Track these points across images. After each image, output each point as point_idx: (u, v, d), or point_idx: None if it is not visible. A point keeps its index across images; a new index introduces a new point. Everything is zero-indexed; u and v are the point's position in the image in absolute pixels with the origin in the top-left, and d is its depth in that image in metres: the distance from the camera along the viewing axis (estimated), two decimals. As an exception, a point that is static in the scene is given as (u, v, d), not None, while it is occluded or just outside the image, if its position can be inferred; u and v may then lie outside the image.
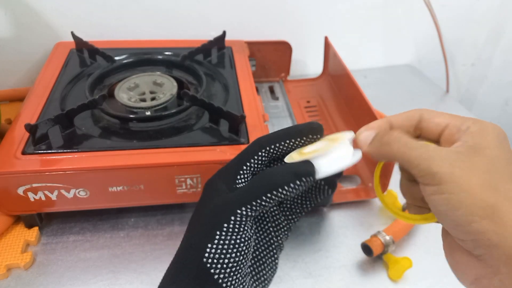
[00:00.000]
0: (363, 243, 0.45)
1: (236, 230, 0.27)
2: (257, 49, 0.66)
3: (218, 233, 0.26)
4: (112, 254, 0.44)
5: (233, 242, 0.26)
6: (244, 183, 0.29)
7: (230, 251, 0.26)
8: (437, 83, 0.82)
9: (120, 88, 0.51)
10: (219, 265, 0.26)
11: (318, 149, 0.28)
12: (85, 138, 0.44)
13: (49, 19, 0.63)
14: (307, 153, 0.28)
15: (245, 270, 0.28)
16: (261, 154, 0.29)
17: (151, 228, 0.47)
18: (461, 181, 0.23)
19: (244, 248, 0.27)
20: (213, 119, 0.47)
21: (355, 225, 0.49)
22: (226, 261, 0.26)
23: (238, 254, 0.27)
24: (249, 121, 0.47)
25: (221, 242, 0.26)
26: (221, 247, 0.26)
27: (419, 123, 0.28)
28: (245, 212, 0.27)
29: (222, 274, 0.26)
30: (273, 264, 0.31)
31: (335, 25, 0.76)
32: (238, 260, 0.27)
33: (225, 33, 0.60)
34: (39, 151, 0.41)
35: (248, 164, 0.29)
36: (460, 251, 0.25)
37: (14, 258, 0.42)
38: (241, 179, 0.29)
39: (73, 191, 0.42)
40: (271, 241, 0.31)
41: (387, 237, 0.44)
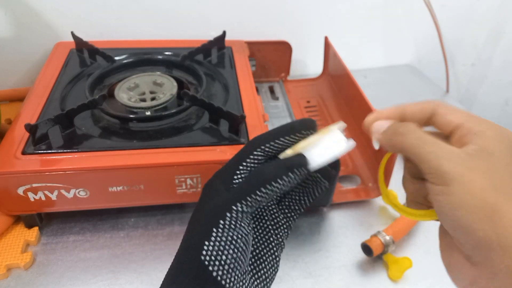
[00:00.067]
0: (363, 243, 0.45)
1: (232, 226, 0.27)
2: (257, 49, 0.66)
3: (214, 230, 0.27)
4: (112, 254, 0.44)
5: (230, 238, 0.27)
6: None
7: (227, 247, 0.26)
8: (437, 83, 0.82)
9: (120, 88, 0.51)
10: (217, 262, 0.26)
11: (310, 142, 0.29)
12: (85, 138, 0.44)
13: (49, 19, 0.63)
14: (300, 148, 0.29)
15: (244, 267, 0.28)
16: (256, 153, 0.30)
17: (151, 228, 0.47)
18: (470, 183, 0.23)
19: (241, 244, 0.27)
20: (213, 119, 0.47)
21: (355, 225, 0.49)
22: (224, 257, 0.26)
23: (235, 250, 0.27)
24: (249, 121, 0.47)
25: (217, 239, 0.26)
26: (218, 244, 0.26)
27: (432, 116, 0.27)
28: (241, 208, 0.27)
29: (220, 271, 0.26)
30: (274, 262, 0.31)
31: (335, 25, 0.76)
32: (236, 256, 0.27)
33: (225, 33, 0.60)
34: (39, 151, 0.41)
35: (244, 163, 0.30)
36: (457, 252, 0.25)
37: (14, 258, 0.42)
38: (238, 179, 0.30)
39: (73, 191, 0.42)
40: (270, 239, 0.31)
41: (387, 237, 0.44)
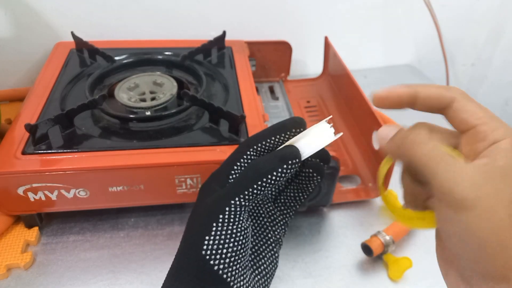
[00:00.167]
0: (363, 243, 0.45)
1: (232, 220, 0.27)
2: (257, 49, 0.66)
3: (214, 224, 0.27)
4: (112, 254, 0.44)
5: (230, 232, 0.27)
6: None
7: (227, 241, 0.27)
8: (437, 83, 0.82)
9: (120, 88, 0.51)
10: (218, 255, 0.26)
11: (300, 136, 0.30)
12: (85, 138, 0.44)
13: (49, 19, 0.63)
14: (290, 141, 0.30)
15: (244, 261, 0.28)
16: (249, 153, 0.30)
17: (151, 228, 0.47)
18: (484, 213, 0.21)
19: (241, 238, 0.27)
20: (213, 119, 0.47)
21: (355, 225, 0.49)
22: (224, 251, 0.27)
23: (236, 244, 0.27)
24: (249, 121, 0.47)
25: (218, 233, 0.27)
26: (218, 238, 0.27)
27: (447, 108, 0.25)
28: (239, 202, 0.27)
29: (222, 265, 0.26)
30: (273, 258, 0.31)
31: (335, 25, 0.76)
32: (236, 250, 0.27)
33: (225, 33, 0.60)
34: (39, 151, 0.41)
35: (238, 164, 0.30)
36: (453, 270, 0.24)
37: (14, 258, 0.42)
38: (233, 178, 0.30)
39: (73, 191, 0.42)
40: (268, 235, 0.32)
41: (387, 237, 0.44)
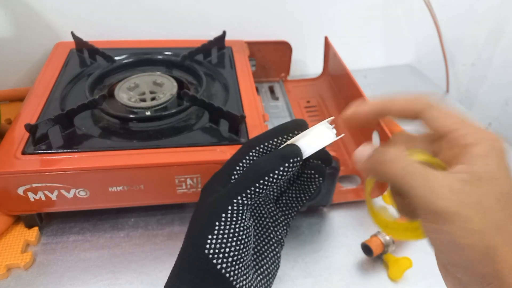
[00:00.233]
0: (363, 243, 0.45)
1: (234, 219, 0.27)
2: (257, 49, 0.66)
3: (217, 223, 0.27)
4: (112, 254, 0.44)
5: (233, 231, 0.27)
6: None
7: (230, 240, 0.27)
8: (437, 83, 0.82)
9: (120, 88, 0.51)
10: (221, 254, 0.27)
11: (301, 135, 0.30)
12: (85, 138, 0.44)
13: (49, 19, 0.63)
14: (291, 141, 0.30)
15: (247, 261, 0.28)
16: (251, 154, 0.30)
17: (151, 228, 0.47)
18: (467, 224, 0.21)
19: (244, 237, 0.27)
20: (213, 119, 0.47)
21: (355, 225, 0.49)
22: (227, 250, 0.27)
23: (238, 243, 0.27)
24: (249, 121, 0.47)
25: (220, 232, 0.27)
26: (221, 236, 0.27)
27: (420, 116, 0.25)
28: (241, 201, 0.27)
29: (224, 263, 0.27)
30: (275, 258, 0.31)
31: (335, 25, 0.76)
32: (239, 249, 0.27)
33: (225, 33, 0.60)
34: (39, 151, 0.41)
35: (240, 164, 0.30)
36: (451, 276, 0.24)
37: (14, 258, 0.42)
38: (235, 179, 0.30)
39: (73, 191, 0.42)
40: (270, 235, 0.32)
41: (387, 237, 0.44)
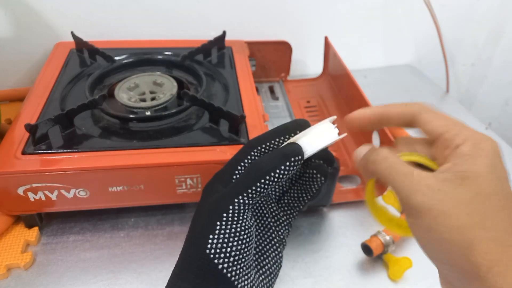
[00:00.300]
0: (363, 243, 0.45)
1: (235, 218, 0.27)
2: (257, 49, 0.66)
3: (218, 223, 0.27)
4: (112, 254, 0.44)
5: (234, 230, 0.27)
6: None
7: (231, 239, 0.27)
8: (437, 83, 0.82)
9: (120, 88, 0.51)
10: (222, 254, 0.26)
11: (302, 134, 0.30)
12: (85, 138, 0.44)
13: (49, 19, 0.63)
14: (293, 139, 0.30)
15: (249, 260, 0.28)
16: (253, 154, 0.30)
17: (151, 228, 0.47)
18: (441, 217, 0.22)
19: (245, 236, 0.27)
20: (213, 119, 0.47)
21: (355, 225, 0.49)
22: (228, 249, 0.27)
23: (240, 242, 0.27)
24: (249, 121, 0.47)
25: (222, 231, 0.27)
26: (222, 236, 0.27)
27: (414, 122, 0.27)
28: (242, 200, 0.27)
29: (226, 263, 0.26)
30: (277, 258, 0.31)
31: (335, 25, 0.76)
32: (240, 248, 0.27)
33: (225, 33, 0.60)
34: (39, 151, 0.41)
35: (242, 164, 0.30)
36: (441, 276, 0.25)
37: (14, 258, 0.42)
38: (236, 179, 0.30)
39: (73, 191, 0.42)
40: (272, 235, 0.32)
41: (387, 237, 0.44)
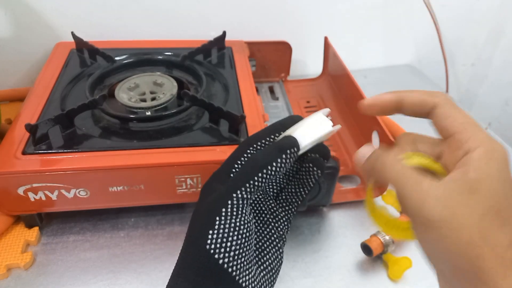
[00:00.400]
0: (363, 243, 0.45)
1: (234, 213, 0.27)
2: (257, 49, 0.66)
3: (217, 218, 0.27)
4: (112, 254, 0.44)
5: (234, 225, 0.27)
6: None
7: (231, 234, 0.27)
8: (437, 83, 0.82)
9: (120, 88, 0.51)
10: (222, 249, 0.26)
11: (296, 127, 0.30)
12: (85, 138, 0.44)
13: (49, 19, 0.63)
14: (287, 132, 0.30)
15: (249, 256, 0.28)
16: (249, 151, 0.30)
17: (151, 228, 0.47)
18: (449, 231, 0.22)
19: (245, 231, 0.27)
20: (213, 119, 0.47)
21: (355, 225, 0.49)
22: (229, 244, 0.27)
23: (240, 237, 0.27)
24: (249, 121, 0.47)
25: (221, 226, 0.27)
26: (222, 231, 0.27)
27: (431, 114, 0.26)
28: (241, 195, 0.27)
29: (226, 258, 0.26)
30: (277, 254, 0.31)
31: (335, 25, 0.76)
32: (240, 243, 0.27)
33: (225, 33, 0.60)
34: (39, 151, 0.41)
35: (239, 162, 0.30)
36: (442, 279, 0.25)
37: (14, 258, 0.42)
38: (234, 175, 0.30)
39: (73, 191, 0.42)
40: (272, 231, 0.32)
41: (387, 237, 0.44)
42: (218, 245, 0.26)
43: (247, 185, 0.27)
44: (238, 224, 0.27)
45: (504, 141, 0.64)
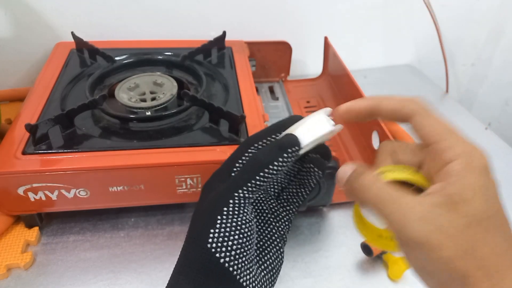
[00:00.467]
0: (363, 243, 0.45)
1: (236, 212, 0.27)
2: (257, 49, 0.66)
3: (219, 217, 0.27)
4: (112, 254, 0.44)
5: (235, 224, 0.27)
6: None
7: (233, 233, 0.27)
8: (437, 83, 0.82)
9: (120, 88, 0.51)
10: (224, 248, 0.26)
11: (297, 126, 0.29)
12: (85, 138, 0.44)
13: (49, 19, 0.63)
14: (287, 131, 0.30)
15: (250, 255, 0.28)
16: (250, 151, 0.30)
17: (151, 228, 0.47)
18: (431, 249, 0.22)
19: (246, 230, 0.27)
20: (213, 119, 0.47)
21: (355, 225, 0.49)
22: (230, 243, 0.27)
23: (241, 236, 0.27)
24: (249, 121, 0.47)
25: (223, 225, 0.27)
26: (223, 230, 0.27)
27: (408, 121, 0.26)
28: (243, 194, 0.27)
29: (227, 257, 0.26)
30: (278, 254, 0.32)
31: (335, 25, 0.76)
32: (242, 242, 0.27)
33: (225, 33, 0.60)
34: (40, 151, 0.41)
35: (239, 161, 0.30)
36: None
37: (14, 258, 0.42)
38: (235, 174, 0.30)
39: (73, 191, 0.42)
40: (273, 231, 0.32)
41: (387, 237, 0.44)
42: (219, 244, 0.26)
43: (249, 184, 0.27)
44: (239, 223, 0.27)
45: (504, 141, 0.64)
